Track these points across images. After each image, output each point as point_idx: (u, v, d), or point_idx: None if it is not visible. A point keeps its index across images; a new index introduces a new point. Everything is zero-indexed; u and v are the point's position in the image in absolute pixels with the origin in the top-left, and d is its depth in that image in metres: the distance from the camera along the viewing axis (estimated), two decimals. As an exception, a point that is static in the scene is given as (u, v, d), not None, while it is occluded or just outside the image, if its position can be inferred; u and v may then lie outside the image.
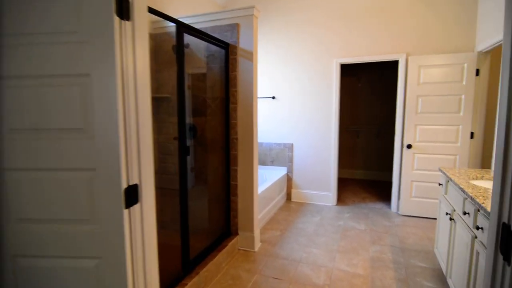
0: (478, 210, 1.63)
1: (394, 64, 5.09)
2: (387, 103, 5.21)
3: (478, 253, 1.59)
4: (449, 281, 2.06)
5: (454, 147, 3.31)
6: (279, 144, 4.25)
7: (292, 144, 4.18)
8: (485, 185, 2.10)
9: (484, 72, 3.22)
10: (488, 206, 1.52)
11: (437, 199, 3.42)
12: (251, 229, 2.79)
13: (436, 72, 3.30)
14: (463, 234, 1.84)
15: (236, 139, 2.74)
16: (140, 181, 1.09)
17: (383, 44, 3.65)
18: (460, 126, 3.26)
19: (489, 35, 2.96)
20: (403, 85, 3.53)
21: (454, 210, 2.06)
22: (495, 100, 3.34)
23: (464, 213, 1.76)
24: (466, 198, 1.82)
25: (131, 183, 1.05)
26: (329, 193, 4.07)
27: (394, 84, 5.11)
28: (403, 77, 3.53)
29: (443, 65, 3.27)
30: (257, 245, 2.86)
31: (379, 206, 4.00)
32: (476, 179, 2.14)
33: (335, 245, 2.90)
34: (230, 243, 2.67)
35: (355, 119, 5.42)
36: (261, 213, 3.30)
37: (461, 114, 3.24)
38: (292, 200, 4.27)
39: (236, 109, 2.72)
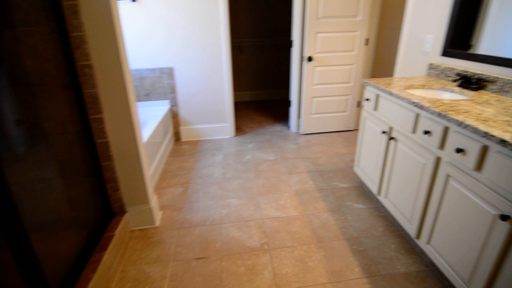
0: (447, 129, 1.36)
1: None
2: (272, 11, 4.59)
3: (448, 176, 1.36)
4: (385, 201, 1.95)
5: (351, 56, 3.13)
6: (154, 70, 3.11)
7: (172, 69, 3.13)
8: (425, 94, 1.90)
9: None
10: (472, 123, 1.22)
11: (334, 112, 3.34)
12: (144, 200, 1.93)
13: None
14: (414, 155, 1.61)
15: (90, 66, 1.57)
16: None
17: None
18: (358, 32, 3.04)
19: None
20: (299, -18, 2.91)
21: (392, 128, 1.82)
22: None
23: (425, 132, 1.48)
24: (420, 114, 1.54)
25: None
26: (225, 124, 3.45)
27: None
28: (298, -28, 2.88)
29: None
30: (158, 217, 2.06)
31: (279, 128, 3.72)
32: (407, 88, 1.91)
33: (253, 188, 2.43)
34: (118, 229, 1.77)
35: (237, 32, 4.64)
36: (150, 169, 2.40)
37: (359, 17, 2.98)
38: (183, 140, 3.45)
39: (77, 7, 1.48)
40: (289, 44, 4.78)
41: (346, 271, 1.62)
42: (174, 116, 3.32)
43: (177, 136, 3.42)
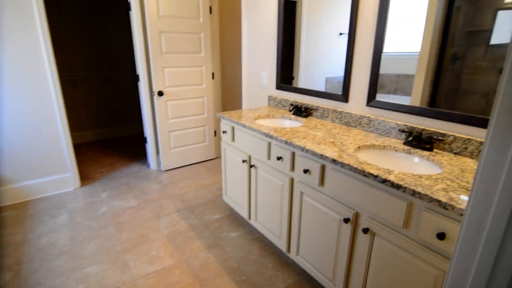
0: (294, 154, 1.60)
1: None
2: (110, 40, 4.20)
3: (302, 193, 1.59)
4: (256, 224, 2.08)
5: (201, 89, 3.26)
6: None
7: (-30, 114, 2.31)
8: (271, 124, 2.16)
9: (215, 10, 3.21)
10: (311, 147, 1.49)
11: (193, 144, 3.38)
12: None
13: (174, 4, 2.85)
14: (273, 179, 1.80)
15: None
16: None
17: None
18: (203, 67, 3.21)
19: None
20: (140, 17, 2.81)
21: (250, 156, 1.98)
22: (228, 39, 3.54)
23: (278, 158, 1.68)
24: (271, 142, 1.75)
25: None
26: (66, 174, 2.83)
27: (114, 16, 4.15)
28: (138, 6, 2.79)
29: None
30: (-29, 329, 1.42)
31: (136, 168, 3.39)
32: (256, 119, 2.14)
33: (116, 245, 2.08)
34: None
35: (68, 63, 3.98)
36: None
37: (202, 54, 3.16)
38: (3, 204, 2.58)
39: None
40: (135, 76, 4.52)
41: (235, 307, 1.60)
42: (-18, 176, 2.45)
43: (-9, 202, 2.53)
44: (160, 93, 2.98)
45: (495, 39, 1.25)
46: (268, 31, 2.40)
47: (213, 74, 3.31)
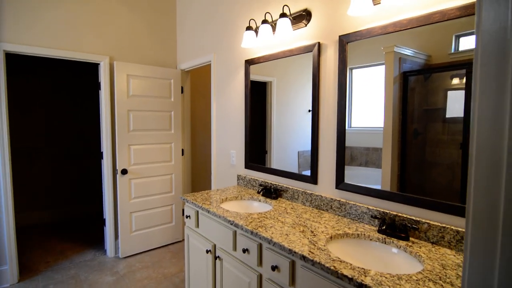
0: (261, 246, 1.42)
1: (81, 67, 4.13)
2: (76, 116, 4.13)
3: (271, 294, 1.37)
4: (222, 330, 1.75)
5: (169, 166, 3.13)
6: None
7: None
8: (238, 207, 2.01)
9: (187, 90, 3.30)
10: (278, 240, 1.33)
11: (158, 225, 3.10)
12: None
13: (146, 85, 2.91)
14: (238, 274, 1.58)
15: None
16: None
17: (80, 38, 2.68)
18: (172, 144, 3.14)
19: (186, 59, 3.08)
20: (108, 96, 2.81)
21: (215, 246, 1.77)
22: (200, 116, 3.58)
23: (244, 251, 1.49)
24: (236, 231, 1.57)
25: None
26: (3, 267, 2.40)
27: (85, 90, 4.17)
28: (108, 87, 2.81)
29: (152, 78, 2.95)
30: None
31: (90, 256, 2.97)
32: (223, 202, 1.99)
33: None
34: None
35: (27, 136, 3.79)
36: None
37: (172, 131, 3.12)
38: None
39: None
40: (99, 153, 4.36)
41: None
42: None
43: None
44: (124, 171, 2.81)
45: (450, 114, 1.29)
46: (236, 112, 2.43)
47: (182, 150, 3.23)
